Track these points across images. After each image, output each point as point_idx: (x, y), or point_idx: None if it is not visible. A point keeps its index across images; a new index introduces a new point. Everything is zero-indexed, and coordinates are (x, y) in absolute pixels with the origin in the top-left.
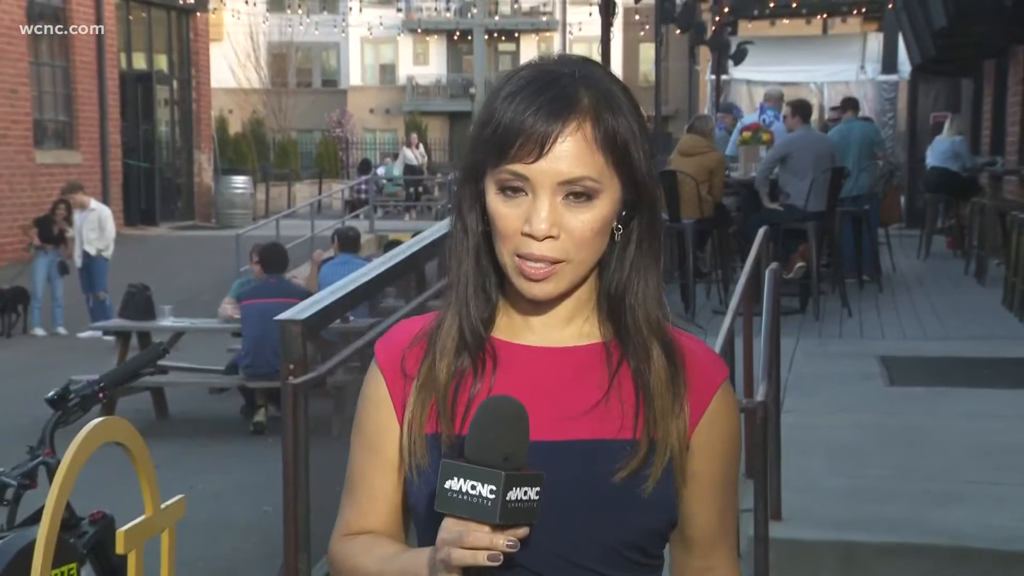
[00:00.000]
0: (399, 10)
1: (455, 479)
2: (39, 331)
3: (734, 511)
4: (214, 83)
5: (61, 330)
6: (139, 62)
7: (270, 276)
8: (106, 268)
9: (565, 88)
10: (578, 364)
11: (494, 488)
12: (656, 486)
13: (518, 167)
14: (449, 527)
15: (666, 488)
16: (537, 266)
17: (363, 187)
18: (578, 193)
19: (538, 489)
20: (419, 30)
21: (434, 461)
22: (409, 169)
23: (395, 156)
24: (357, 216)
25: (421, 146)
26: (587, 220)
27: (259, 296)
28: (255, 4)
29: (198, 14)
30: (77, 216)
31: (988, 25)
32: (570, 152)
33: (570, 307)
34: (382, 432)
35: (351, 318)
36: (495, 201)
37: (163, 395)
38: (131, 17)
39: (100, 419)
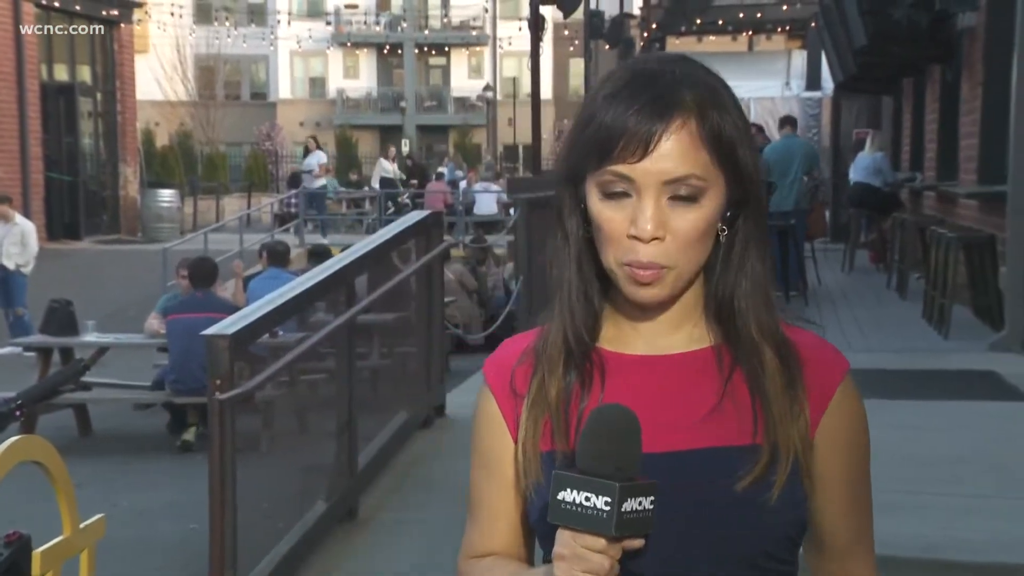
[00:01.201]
0: (328, 23)
1: (568, 491)
2: None
3: (868, 513)
4: (140, 95)
5: None
6: (61, 74)
7: (197, 290)
8: (25, 284)
9: (667, 86)
10: (689, 370)
11: (609, 500)
12: (782, 491)
13: (621, 168)
14: (565, 540)
15: (793, 492)
16: (645, 271)
17: (293, 200)
18: (683, 193)
19: (652, 499)
20: (349, 44)
21: (549, 478)
22: (385, 182)
23: (325, 170)
24: (287, 230)
25: (397, 159)
26: (693, 220)
27: (185, 311)
28: (181, 16)
29: (122, 25)
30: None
31: (905, 45)
32: (675, 150)
33: (678, 313)
34: (497, 453)
35: (280, 333)
36: (598, 204)
37: (86, 412)
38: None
39: (16, 438)
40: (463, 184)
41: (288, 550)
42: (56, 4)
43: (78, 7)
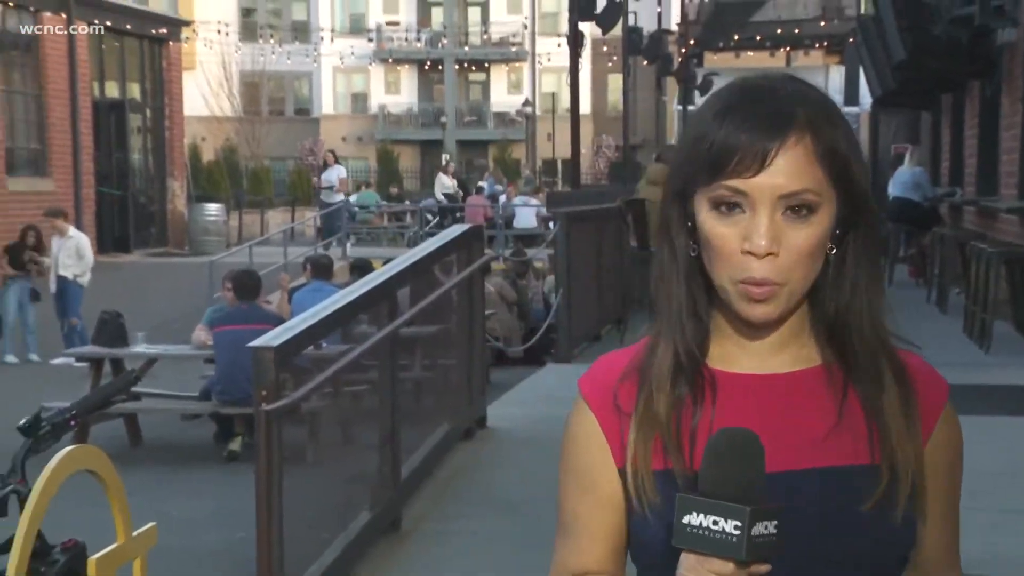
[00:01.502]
0: (370, 40)
1: (694, 514)
2: (11, 358)
3: (958, 531)
4: (187, 111)
5: (34, 357)
6: (112, 90)
7: (242, 302)
8: (80, 294)
9: (780, 103)
10: (800, 389)
11: (739, 524)
12: (903, 510)
13: (736, 182)
14: (691, 564)
15: (910, 511)
16: (759, 288)
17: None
18: (797, 208)
19: (776, 523)
20: (390, 60)
21: (665, 498)
22: (445, 197)
23: (368, 184)
24: (330, 243)
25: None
26: (808, 236)
27: (231, 323)
28: (227, 34)
29: (171, 43)
30: (55, 242)
31: (944, 60)
32: (790, 166)
33: (786, 332)
34: (596, 471)
35: (324, 345)
36: (709, 220)
37: (136, 421)
38: (104, 46)
39: (72, 447)
40: (503, 198)
41: (333, 560)
42: (108, 24)
43: (129, 26)
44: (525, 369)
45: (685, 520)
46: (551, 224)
